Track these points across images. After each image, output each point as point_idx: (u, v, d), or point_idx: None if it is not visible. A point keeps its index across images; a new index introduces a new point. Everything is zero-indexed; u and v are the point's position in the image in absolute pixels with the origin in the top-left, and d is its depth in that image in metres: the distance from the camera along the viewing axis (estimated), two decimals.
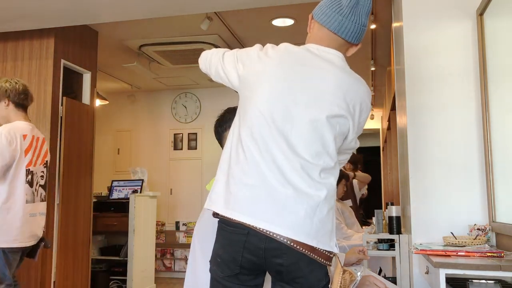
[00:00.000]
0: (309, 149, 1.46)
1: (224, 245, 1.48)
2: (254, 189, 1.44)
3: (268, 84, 1.52)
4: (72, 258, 4.12)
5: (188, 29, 4.65)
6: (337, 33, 1.57)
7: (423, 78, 2.67)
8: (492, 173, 2.40)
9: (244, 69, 1.59)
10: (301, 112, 1.48)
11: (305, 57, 1.59)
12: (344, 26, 1.55)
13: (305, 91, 1.51)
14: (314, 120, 1.48)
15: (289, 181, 1.43)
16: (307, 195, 1.43)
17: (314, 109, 1.49)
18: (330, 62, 1.58)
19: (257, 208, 1.42)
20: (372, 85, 6.80)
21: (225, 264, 1.47)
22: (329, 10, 1.56)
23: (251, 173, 1.45)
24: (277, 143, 1.46)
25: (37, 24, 3.99)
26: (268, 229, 1.39)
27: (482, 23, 2.50)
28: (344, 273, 1.52)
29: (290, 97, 1.50)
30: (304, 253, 1.40)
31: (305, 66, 1.56)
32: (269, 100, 1.50)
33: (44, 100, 4.03)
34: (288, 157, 1.45)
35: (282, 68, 1.55)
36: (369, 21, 4.30)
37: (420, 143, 2.63)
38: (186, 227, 6.65)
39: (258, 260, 1.43)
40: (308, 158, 1.46)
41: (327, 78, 1.54)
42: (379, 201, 8.11)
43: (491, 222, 2.39)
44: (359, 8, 1.55)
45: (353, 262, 2.22)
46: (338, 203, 4.12)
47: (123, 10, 3.76)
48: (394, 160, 5.05)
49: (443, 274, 1.89)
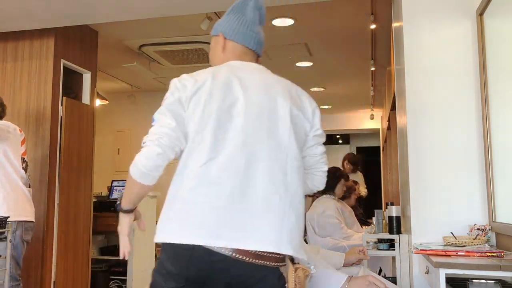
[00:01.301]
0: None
1: (170, 257, 1.43)
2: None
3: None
4: (72, 258, 4.12)
5: (188, 29, 4.65)
6: (253, 49, 1.63)
7: (423, 78, 2.67)
8: (492, 173, 2.40)
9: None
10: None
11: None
12: (258, 41, 1.64)
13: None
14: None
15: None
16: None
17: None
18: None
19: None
20: (372, 85, 6.80)
21: (170, 276, 1.42)
22: (242, 28, 1.62)
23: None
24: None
25: (37, 24, 3.99)
26: (212, 244, 1.37)
27: (482, 23, 2.50)
28: (296, 270, 1.50)
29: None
30: (251, 262, 1.38)
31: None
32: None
33: (44, 100, 4.03)
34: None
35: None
36: (369, 21, 4.34)
37: (420, 143, 2.63)
38: None
39: (204, 274, 1.40)
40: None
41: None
42: (379, 201, 8.11)
43: (491, 222, 2.39)
44: (261, 24, 1.68)
45: (353, 262, 2.22)
46: (338, 203, 4.12)
47: (123, 10, 3.76)
48: (394, 160, 5.05)
49: (443, 274, 1.89)
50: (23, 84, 4.12)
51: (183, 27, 4.63)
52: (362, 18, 4.38)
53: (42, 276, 3.81)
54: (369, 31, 4.65)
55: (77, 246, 4.18)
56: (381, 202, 8.05)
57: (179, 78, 1.52)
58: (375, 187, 8.48)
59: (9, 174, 3.09)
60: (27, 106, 4.07)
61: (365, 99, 7.93)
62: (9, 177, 3.09)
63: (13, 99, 4.11)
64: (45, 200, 3.88)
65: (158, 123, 1.46)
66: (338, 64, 5.99)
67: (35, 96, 4.07)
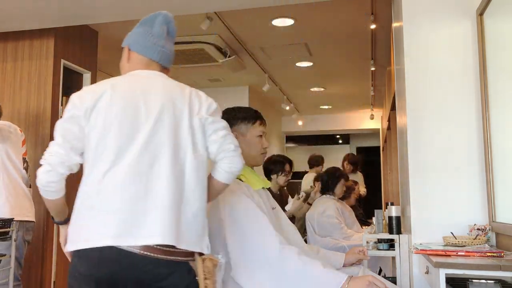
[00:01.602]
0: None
1: (81, 261, 1.50)
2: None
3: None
4: None
5: (188, 29, 4.65)
6: (157, 60, 1.74)
7: (423, 78, 2.67)
8: (492, 173, 2.39)
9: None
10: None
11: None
12: (163, 54, 1.75)
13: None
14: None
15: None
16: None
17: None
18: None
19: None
20: (372, 85, 6.80)
21: (83, 279, 1.49)
22: (146, 41, 1.75)
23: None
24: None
25: (37, 24, 3.99)
26: (120, 244, 1.44)
27: (482, 23, 2.50)
28: (204, 261, 1.58)
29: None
30: (159, 258, 1.46)
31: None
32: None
33: (44, 100, 4.03)
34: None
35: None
36: (369, 21, 4.34)
37: (420, 143, 2.63)
38: None
39: (115, 274, 1.46)
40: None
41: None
42: (379, 201, 8.11)
43: (491, 222, 2.39)
44: (170, 37, 1.82)
45: (353, 262, 2.22)
46: (338, 203, 4.12)
47: (123, 10, 3.76)
48: (394, 160, 5.06)
49: (443, 274, 1.89)
50: (23, 84, 4.12)
51: (183, 27, 4.63)
52: (362, 18, 4.38)
53: (42, 276, 3.82)
54: (369, 31, 4.65)
55: None
56: (381, 202, 8.05)
57: (78, 93, 1.61)
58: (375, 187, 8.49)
59: (11, 174, 3.10)
60: (27, 106, 4.07)
61: (365, 99, 7.93)
62: (11, 177, 3.10)
63: (13, 99, 4.11)
64: None
65: (52, 141, 1.57)
66: (338, 64, 5.99)
67: (35, 96, 4.07)
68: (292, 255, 1.69)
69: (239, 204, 1.83)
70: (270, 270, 1.69)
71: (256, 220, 1.79)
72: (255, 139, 2.04)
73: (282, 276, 1.68)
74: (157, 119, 1.56)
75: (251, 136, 2.04)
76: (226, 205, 1.83)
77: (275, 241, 1.73)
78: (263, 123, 2.09)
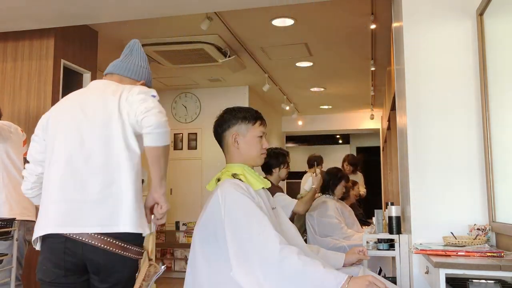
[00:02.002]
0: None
1: (47, 254, 1.80)
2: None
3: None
4: None
5: (188, 29, 4.65)
6: (119, 73, 2.08)
7: (423, 78, 2.67)
8: (492, 173, 2.40)
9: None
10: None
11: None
12: (123, 68, 2.10)
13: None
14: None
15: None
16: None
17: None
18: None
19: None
20: (372, 85, 6.80)
21: (49, 270, 1.78)
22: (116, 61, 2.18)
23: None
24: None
25: (37, 24, 3.99)
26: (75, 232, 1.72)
27: (482, 23, 2.50)
28: (150, 266, 1.81)
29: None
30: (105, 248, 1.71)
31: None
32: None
33: (44, 100, 4.03)
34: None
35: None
36: (369, 21, 4.34)
37: (420, 143, 2.63)
38: (186, 227, 6.65)
39: (79, 262, 1.74)
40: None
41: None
42: (379, 201, 8.11)
43: (491, 222, 2.39)
44: (133, 55, 2.16)
45: (353, 262, 2.22)
46: (338, 203, 4.12)
47: (123, 10, 3.76)
48: (394, 160, 5.06)
49: (443, 274, 1.89)
50: (23, 84, 4.12)
51: (183, 27, 4.63)
52: (362, 18, 4.38)
53: None
54: (369, 31, 4.65)
55: None
56: (381, 202, 8.05)
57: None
58: (375, 187, 8.49)
59: (12, 174, 3.11)
60: (27, 106, 4.07)
61: (365, 99, 7.93)
62: (11, 177, 3.10)
63: (13, 99, 4.11)
64: None
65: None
66: (338, 64, 5.99)
67: (35, 96, 4.07)
68: (292, 255, 1.69)
69: (239, 204, 1.83)
70: (270, 270, 1.69)
71: (256, 220, 1.79)
72: (255, 140, 2.04)
73: (282, 276, 1.68)
74: (91, 119, 1.83)
75: (251, 136, 2.03)
76: (226, 205, 1.83)
77: (275, 241, 1.72)
78: (264, 123, 2.09)
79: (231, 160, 2.05)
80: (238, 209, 1.82)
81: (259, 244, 1.73)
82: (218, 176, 2.02)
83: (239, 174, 1.96)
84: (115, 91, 1.86)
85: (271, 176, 3.59)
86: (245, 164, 2.03)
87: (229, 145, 2.04)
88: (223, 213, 1.82)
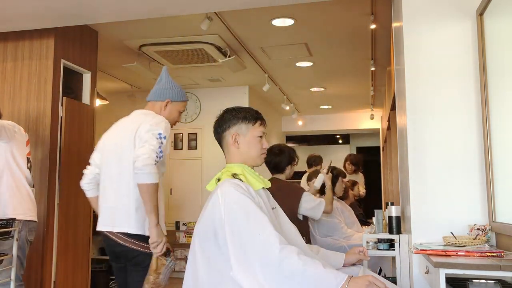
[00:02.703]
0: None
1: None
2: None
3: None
4: (72, 258, 4.12)
5: (188, 29, 4.65)
6: (151, 99, 2.93)
7: (423, 78, 2.67)
8: (492, 173, 2.40)
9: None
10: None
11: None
12: (152, 94, 2.96)
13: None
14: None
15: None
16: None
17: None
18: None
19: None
20: (372, 85, 6.81)
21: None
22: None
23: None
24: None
25: (37, 24, 3.99)
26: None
27: (482, 23, 2.50)
28: (157, 259, 2.39)
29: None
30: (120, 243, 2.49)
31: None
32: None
33: (44, 100, 4.03)
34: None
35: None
36: (369, 21, 4.34)
37: (420, 143, 2.63)
38: (186, 227, 6.65)
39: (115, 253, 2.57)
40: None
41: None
42: (379, 201, 8.11)
43: (491, 222, 2.39)
44: (162, 81, 2.92)
45: (353, 262, 2.22)
46: (337, 202, 4.12)
47: (123, 10, 3.76)
48: (394, 160, 5.05)
49: (443, 274, 1.89)
50: (23, 84, 4.12)
51: (183, 27, 4.63)
52: (362, 18, 4.38)
53: (42, 276, 3.82)
54: (369, 31, 4.65)
55: (77, 246, 4.19)
56: (381, 202, 8.05)
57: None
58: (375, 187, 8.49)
59: (15, 173, 3.10)
60: (27, 106, 4.07)
61: (365, 99, 7.93)
62: (15, 177, 3.10)
63: (13, 99, 4.11)
64: (45, 200, 3.88)
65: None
66: (338, 64, 5.99)
67: (35, 96, 4.07)
68: (292, 255, 1.69)
69: (239, 204, 1.83)
70: (270, 270, 1.69)
71: (256, 220, 1.79)
72: (255, 140, 2.04)
73: (282, 276, 1.68)
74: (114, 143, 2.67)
75: (251, 136, 2.03)
76: (226, 205, 1.83)
77: (275, 241, 1.72)
78: (264, 123, 2.09)
79: (231, 160, 2.05)
80: (238, 209, 1.82)
81: (259, 244, 1.73)
82: (218, 176, 2.02)
83: (239, 174, 1.96)
84: (137, 122, 2.66)
85: (282, 174, 3.49)
86: (245, 164, 2.03)
87: (229, 145, 2.04)
88: (223, 213, 1.82)
